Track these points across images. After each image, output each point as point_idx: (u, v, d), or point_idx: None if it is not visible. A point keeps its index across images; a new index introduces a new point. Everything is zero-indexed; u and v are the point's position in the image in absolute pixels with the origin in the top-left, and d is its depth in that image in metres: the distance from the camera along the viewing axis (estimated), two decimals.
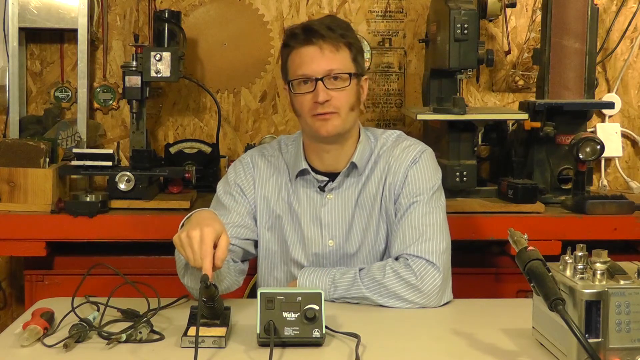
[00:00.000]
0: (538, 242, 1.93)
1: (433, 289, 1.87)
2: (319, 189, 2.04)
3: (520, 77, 3.23)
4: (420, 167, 2.02)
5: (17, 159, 2.65)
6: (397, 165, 2.02)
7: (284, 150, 2.11)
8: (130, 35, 3.07)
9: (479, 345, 1.60)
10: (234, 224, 2.01)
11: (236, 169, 2.10)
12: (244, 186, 2.06)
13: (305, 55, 1.93)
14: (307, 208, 2.03)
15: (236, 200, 2.05)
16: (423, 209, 1.97)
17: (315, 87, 1.92)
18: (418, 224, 1.95)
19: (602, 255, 1.45)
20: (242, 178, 2.07)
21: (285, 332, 1.55)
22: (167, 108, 3.20)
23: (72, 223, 2.59)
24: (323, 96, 1.91)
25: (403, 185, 2.00)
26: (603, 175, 3.23)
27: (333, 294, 1.90)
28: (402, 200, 1.99)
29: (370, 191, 2.03)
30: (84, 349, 1.56)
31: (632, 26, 3.20)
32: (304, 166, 2.03)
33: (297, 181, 2.05)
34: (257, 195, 2.06)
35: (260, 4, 3.18)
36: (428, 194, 1.99)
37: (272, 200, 2.05)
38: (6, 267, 3.15)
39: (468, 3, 2.72)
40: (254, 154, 2.12)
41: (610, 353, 1.39)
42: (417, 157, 2.03)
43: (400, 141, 2.07)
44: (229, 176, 2.10)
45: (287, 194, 2.05)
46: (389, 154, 2.04)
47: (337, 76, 1.93)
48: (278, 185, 2.06)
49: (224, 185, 2.10)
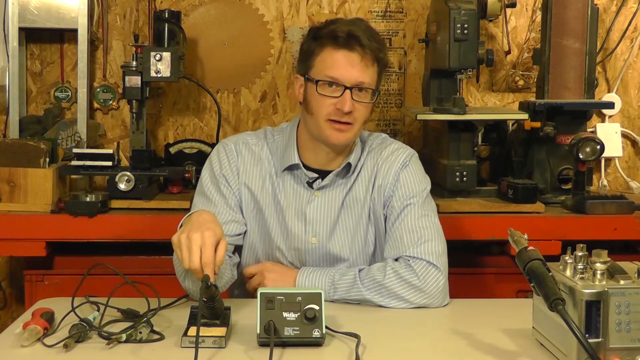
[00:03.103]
0: (538, 242, 1.93)
1: (436, 289, 1.87)
2: (307, 184, 2.02)
3: (520, 77, 3.23)
4: (411, 170, 2.03)
5: (17, 159, 2.65)
6: (386, 167, 2.02)
7: (269, 140, 2.07)
8: (130, 35, 3.07)
9: (479, 345, 1.60)
10: (225, 220, 1.98)
11: (220, 157, 2.05)
12: (228, 176, 2.03)
13: (342, 60, 1.90)
14: (292, 202, 2.01)
15: (223, 194, 2.01)
16: (418, 211, 1.97)
17: (342, 94, 1.90)
18: (415, 226, 1.95)
19: (602, 255, 1.45)
20: (227, 168, 2.03)
21: (285, 332, 1.55)
22: (167, 108, 3.20)
23: (72, 223, 2.59)
24: (349, 106, 1.90)
25: (395, 187, 2.00)
26: (603, 175, 3.23)
27: (333, 295, 1.90)
28: (394, 203, 1.99)
29: (358, 192, 2.02)
30: (84, 349, 1.56)
31: (632, 26, 3.20)
32: (295, 161, 2.00)
33: (285, 174, 2.02)
34: (241, 183, 2.03)
35: (260, 4, 3.17)
36: (422, 196, 2.00)
37: (256, 191, 2.02)
38: (6, 267, 3.15)
39: (468, 3, 2.72)
40: (238, 141, 2.07)
41: (610, 353, 1.39)
42: (407, 160, 2.03)
43: (387, 144, 2.07)
44: (214, 166, 2.05)
45: (271, 185, 2.02)
46: (377, 156, 2.04)
47: (364, 89, 1.92)
48: (262, 175, 2.03)
49: (208, 177, 2.05)
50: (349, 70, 1.90)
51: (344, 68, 1.90)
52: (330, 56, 1.91)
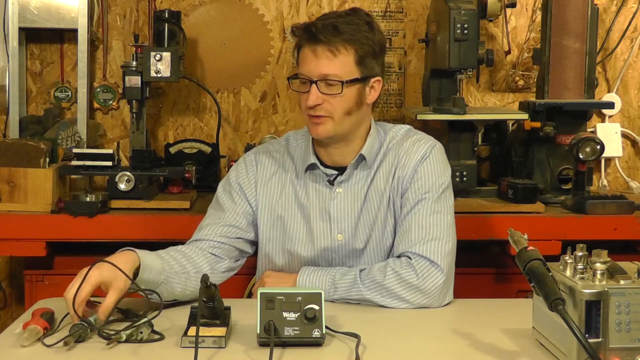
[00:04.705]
0: (538, 242, 1.94)
1: (435, 288, 1.87)
2: (328, 182, 2.02)
3: (520, 77, 3.23)
4: (430, 163, 2.00)
5: (17, 159, 2.65)
6: (406, 159, 2.00)
7: (292, 145, 2.09)
8: (130, 35, 3.07)
9: (479, 345, 1.60)
10: (226, 223, 2.01)
11: (239, 167, 2.09)
12: (244, 185, 2.06)
13: (305, 56, 1.92)
14: (316, 202, 2.02)
15: (234, 200, 2.04)
16: (431, 207, 1.95)
17: (309, 89, 1.91)
18: (425, 222, 1.94)
19: (602, 255, 1.45)
20: (244, 177, 2.07)
21: (285, 332, 1.55)
22: (167, 108, 3.20)
23: (72, 223, 2.59)
24: (312, 100, 1.90)
25: (412, 180, 1.98)
26: (603, 175, 3.23)
27: (333, 295, 1.90)
28: (409, 196, 1.98)
29: (379, 185, 2.01)
30: (84, 349, 1.56)
31: (632, 26, 3.20)
32: (312, 160, 2.02)
33: (307, 175, 2.04)
34: (259, 194, 2.05)
35: (260, 4, 3.18)
36: (437, 191, 1.97)
37: (274, 199, 2.04)
38: (6, 267, 3.15)
39: (468, 3, 2.73)
40: (258, 150, 2.11)
41: (610, 353, 1.39)
42: (427, 152, 2.01)
43: (410, 135, 2.06)
44: (231, 175, 2.09)
45: (292, 191, 2.04)
46: (399, 147, 2.02)
47: (330, 82, 1.90)
48: (281, 182, 2.05)
49: (224, 185, 2.09)
50: (313, 63, 1.90)
51: (309, 62, 1.91)
52: (301, 53, 1.95)
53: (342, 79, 1.90)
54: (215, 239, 2.00)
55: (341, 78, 1.90)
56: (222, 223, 2.01)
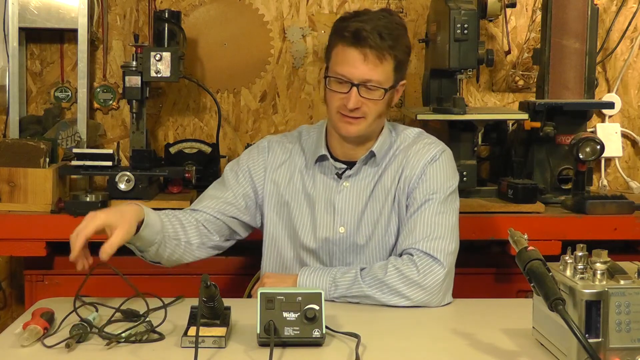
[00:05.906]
0: (538, 242, 1.93)
1: (435, 285, 1.87)
2: (336, 175, 2.05)
3: (520, 77, 3.23)
4: (439, 165, 2.02)
5: (17, 159, 2.65)
6: (415, 160, 2.03)
7: (304, 137, 2.13)
8: (130, 35, 3.07)
9: (479, 345, 1.60)
10: (225, 200, 2.07)
11: (251, 152, 2.15)
12: (253, 169, 2.10)
13: (349, 57, 1.92)
14: (322, 193, 2.05)
15: (238, 181, 2.09)
16: (437, 207, 1.97)
17: (349, 91, 1.92)
18: (430, 221, 1.95)
19: (602, 255, 1.45)
20: (254, 161, 2.12)
21: (285, 332, 1.55)
22: (167, 108, 3.20)
23: (72, 223, 2.56)
24: (354, 103, 1.92)
25: (420, 180, 2.00)
26: (603, 175, 3.23)
27: (333, 293, 1.90)
28: (416, 195, 1.99)
29: (386, 183, 2.04)
30: (84, 349, 1.56)
31: (632, 26, 3.20)
32: (323, 152, 2.05)
33: (316, 167, 2.07)
34: (267, 180, 2.09)
35: (260, 4, 3.17)
36: (444, 193, 1.99)
37: (282, 186, 2.08)
38: (6, 267, 3.15)
39: (468, 3, 2.72)
40: (272, 138, 2.17)
41: (610, 353, 1.40)
42: (437, 155, 2.03)
43: (421, 138, 2.09)
44: (242, 157, 2.15)
45: (300, 179, 2.07)
46: (409, 148, 2.05)
47: (371, 88, 1.93)
48: (290, 171, 2.09)
49: (233, 164, 2.15)
50: (356, 67, 1.91)
51: (352, 65, 1.92)
52: (341, 52, 1.94)
53: (383, 86, 1.94)
54: (211, 212, 2.05)
55: (383, 85, 1.94)
56: (222, 199, 2.06)
